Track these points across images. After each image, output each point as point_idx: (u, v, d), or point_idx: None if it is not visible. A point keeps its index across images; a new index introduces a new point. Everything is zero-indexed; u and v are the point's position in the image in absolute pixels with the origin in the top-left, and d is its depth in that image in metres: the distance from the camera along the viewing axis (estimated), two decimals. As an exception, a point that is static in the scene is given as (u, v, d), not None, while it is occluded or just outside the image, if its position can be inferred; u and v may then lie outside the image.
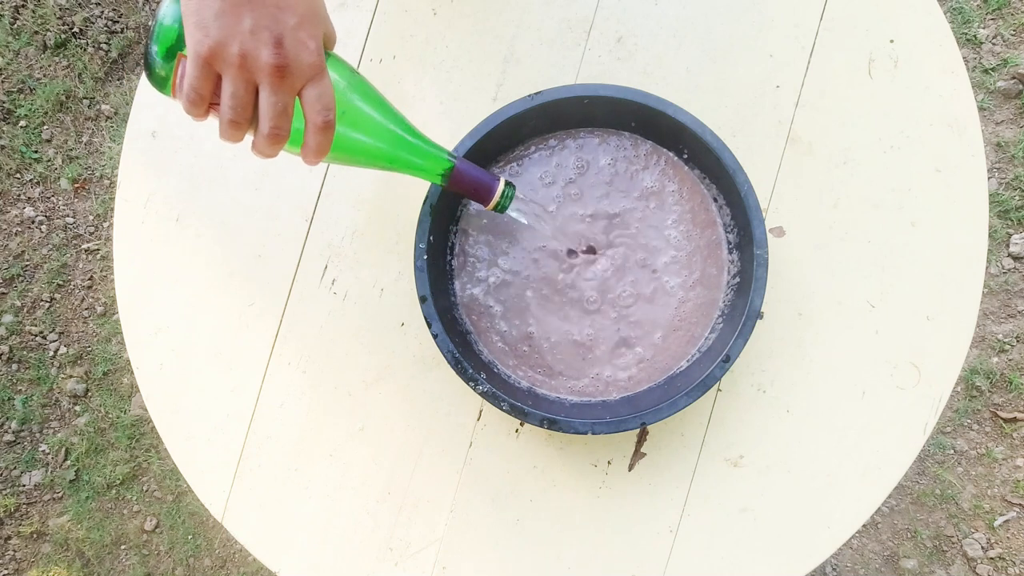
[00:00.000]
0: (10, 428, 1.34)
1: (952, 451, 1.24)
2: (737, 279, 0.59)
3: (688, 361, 0.59)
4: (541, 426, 0.55)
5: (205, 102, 0.42)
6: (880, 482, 0.62)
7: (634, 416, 0.54)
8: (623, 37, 0.65)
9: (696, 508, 0.62)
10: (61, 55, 1.35)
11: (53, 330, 1.35)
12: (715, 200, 0.60)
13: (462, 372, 0.55)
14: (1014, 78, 1.25)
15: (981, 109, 1.26)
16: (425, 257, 0.56)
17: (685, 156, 0.61)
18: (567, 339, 0.60)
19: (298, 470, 0.64)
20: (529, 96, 0.57)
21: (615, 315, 0.60)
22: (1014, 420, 1.23)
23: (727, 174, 0.56)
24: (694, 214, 0.61)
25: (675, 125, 0.57)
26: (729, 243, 0.60)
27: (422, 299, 0.56)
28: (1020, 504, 1.21)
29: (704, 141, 0.56)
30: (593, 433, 0.55)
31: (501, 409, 0.55)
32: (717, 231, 0.60)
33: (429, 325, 0.56)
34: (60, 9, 1.34)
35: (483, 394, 0.55)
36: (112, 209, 1.29)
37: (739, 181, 0.56)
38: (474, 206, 0.62)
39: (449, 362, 0.56)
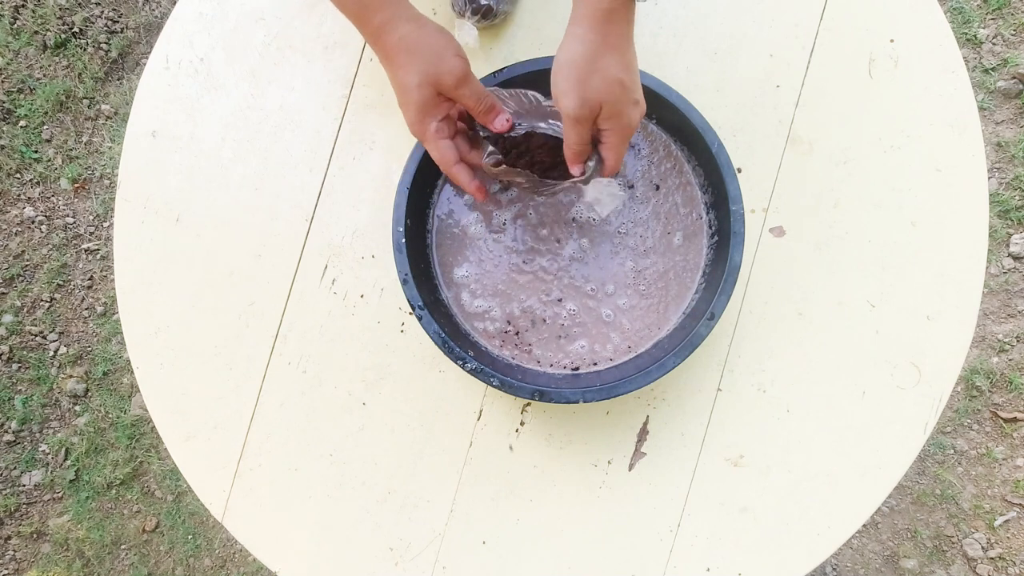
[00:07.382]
0: (10, 428, 1.34)
1: (952, 451, 1.24)
2: (715, 238, 0.59)
3: (673, 324, 0.60)
4: (532, 398, 0.54)
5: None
6: (880, 482, 0.62)
7: (624, 380, 0.54)
8: (623, 37, 0.65)
9: (696, 508, 0.62)
10: (61, 55, 1.35)
11: (53, 330, 1.35)
12: (688, 162, 0.61)
13: (449, 351, 0.55)
14: (1014, 78, 1.25)
15: (981, 109, 1.26)
16: (403, 240, 0.56)
17: (655, 121, 0.61)
18: (550, 315, 0.61)
19: (298, 470, 0.64)
20: (492, 74, 0.57)
21: (594, 289, 0.60)
22: (1014, 420, 1.23)
23: (697, 134, 0.56)
24: (668, 178, 0.61)
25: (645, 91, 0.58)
26: (706, 204, 0.61)
27: (403, 281, 0.56)
28: (1020, 504, 1.21)
29: (670, 103, 0.57)
30: (584, 401, 0.54)
31: (491, 385, 0.55)
32: (693, 192, 0.61)
33: (412, 307, 0.55)
34: (60, 9, 1.34)
35: (472, 371, 0.55)
36: (112, 209, 1.29)
37: (709, 140, 0.56)
38: (450, 191, 0.62)
39: (436, 342, 0.55)
